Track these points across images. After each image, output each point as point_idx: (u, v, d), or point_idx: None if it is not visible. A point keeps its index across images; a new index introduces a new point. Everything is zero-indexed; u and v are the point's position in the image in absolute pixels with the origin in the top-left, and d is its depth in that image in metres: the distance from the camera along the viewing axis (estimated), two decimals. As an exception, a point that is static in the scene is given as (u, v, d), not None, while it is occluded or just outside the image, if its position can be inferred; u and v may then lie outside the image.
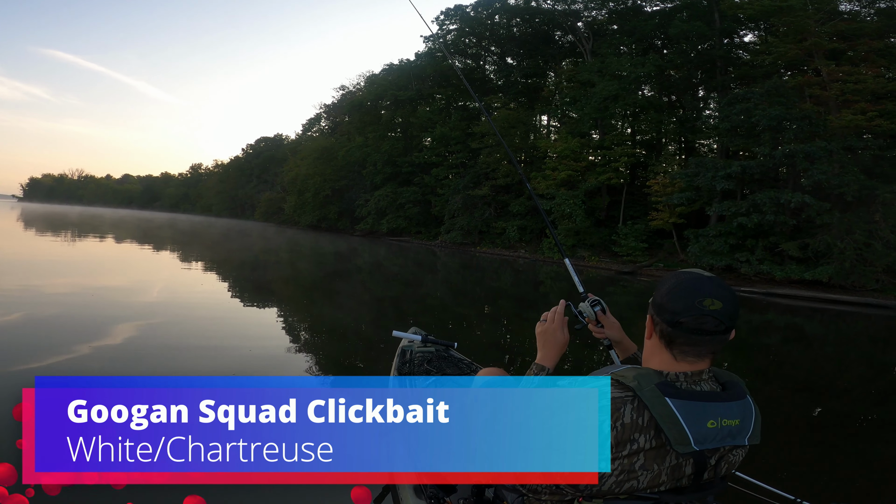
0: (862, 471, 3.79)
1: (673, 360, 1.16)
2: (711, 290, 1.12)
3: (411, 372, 3.05)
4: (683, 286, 1.15)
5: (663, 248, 23.11)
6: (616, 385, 1.14)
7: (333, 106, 55.50)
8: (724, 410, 1.12)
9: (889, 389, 6.55)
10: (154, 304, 8.02)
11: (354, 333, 7.59)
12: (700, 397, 1.12)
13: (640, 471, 1.10)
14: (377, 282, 13.00)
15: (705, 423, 1.10)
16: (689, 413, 1.09)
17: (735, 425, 1.13)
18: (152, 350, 5.33)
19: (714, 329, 1.11)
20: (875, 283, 15.78)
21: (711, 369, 1.20)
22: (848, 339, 10.63)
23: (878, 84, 17.13)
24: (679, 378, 1.15)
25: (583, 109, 25.75)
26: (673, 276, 1.21)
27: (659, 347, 1.18)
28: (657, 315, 1.17)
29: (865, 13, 20.57)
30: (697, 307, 1.10)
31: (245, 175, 73.08)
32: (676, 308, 1.12)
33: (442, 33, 36.00)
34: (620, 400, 1.11)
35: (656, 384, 1.11)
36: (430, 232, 34.14)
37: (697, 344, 1.12)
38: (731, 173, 18.27)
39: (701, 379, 1.16)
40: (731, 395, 1.16)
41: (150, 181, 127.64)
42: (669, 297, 1.14)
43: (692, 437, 1.08)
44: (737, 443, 1.14)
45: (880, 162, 17.26)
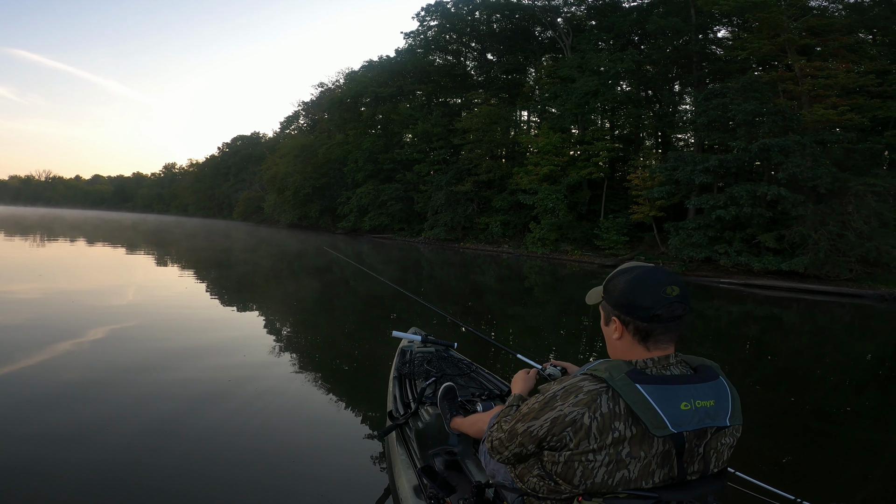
0: (842, 461, 3.91)
1: (646, 351, 1.21)
2: (667, 279, 1.20)
3: (411, 372, 3.05)
4: (642, 281, 1.21)
5: (644, 241, 23.45)
6: (590, 378, 1.18)
7: (312, 103, 54.88)
8: (696, 392, 1.16)
9: (868, 378, 6.76)
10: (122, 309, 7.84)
11: (347, 334, 7.53)
12: (670, 381, 1.16)
13: (627, 458, 1.14)
14: (364, 279, 12.90)
15: (678, 406, 1.13)
16: (661, 396, 1.13)
17: (710, 406, 1.16)
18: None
19: (682, 312, 1.19)
20: (849, 273, 16.24)
21: (679, 354, 1.25)
22: (824, 328, 10.94)
23: (848, 79, 17.58)
24: (648, 364, 1.19)
25: (564, 105, 25.93)
26: (624, 275, 1.26)
27: (631, 344, 1.23)
28: (627, 315, 1.21)
29: (834, 8, 21.10)
30: (665, 297, 1.17)
31: (222, 174, 71.97)
32: (647, 303, 1.18)
33: (423, 29, 35.85)
34: (596, 391, 1.15)
35: (626, 373, 1.16)
36: (414, 228, 34.07)
37: (670, 330, 1.20)
38: (708, 167, 18.61)
39: (669, 363, 1.21)
40: (702, 377, 1.20)
41: (122, 181, 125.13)
42: (635, 295, 1.20)
43: (668, 420, 1.12)
44: (717, 423, 1.17)
45: (851, 155, 17.75)
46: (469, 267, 19.68)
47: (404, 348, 3.47)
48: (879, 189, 16.23)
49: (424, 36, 36.04)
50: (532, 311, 10.69)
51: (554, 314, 10.36)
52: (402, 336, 3.01)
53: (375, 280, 8.53)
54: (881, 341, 9.72)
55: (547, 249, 24.72)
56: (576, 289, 14.93)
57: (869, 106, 17.27)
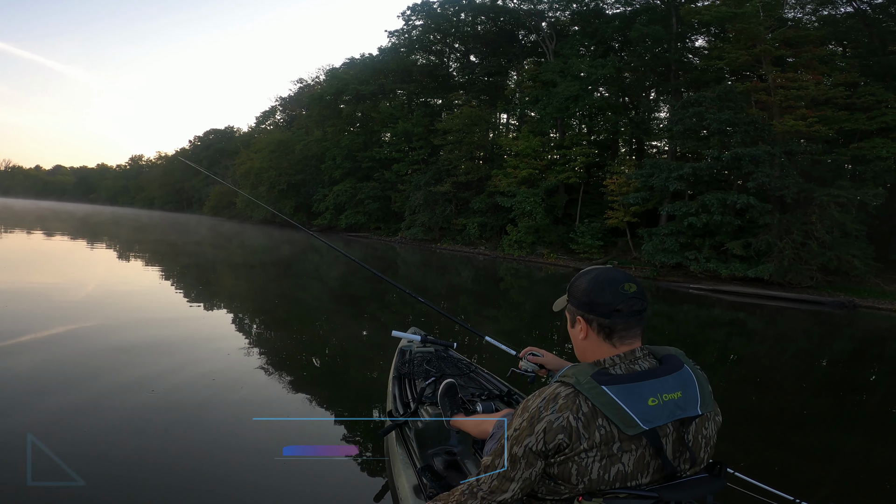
0: (799, 461, 4.01)
1: (612, 348, 1.25)
2: (623, 277, 1.27)
3: (411, 372, 3.06)
4: (601, 281, 1.27)
5: (617, 246, 23.82)
6: (563, 385, 1.20)
7: (290, 98, 54.17)
8: (661, 385, 1.18)
9: (840, 383, 6.98)
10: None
11: (340, 331, 7.44)
12: (635, 378, 1.18)
13: (619, 452, 1.15)
14: (340, 279, 12.79)
15: (646, 402, 1.15)
16: (628, 396, 1.15)
17: (678, 398, 1.18)
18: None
19: (641, 308, 1.25)
20: (810, 281, 16.79)
21: (646, 347, 1.28)
22: (786, 334, 11.28)
23: (818, 91, 18.10)
24: (616, 362, 1.22)
25: (544, 109, 26.15)
26: (584, 276, 1.32)
27: (597, 342, 1.27)
28: (589, 313, 1.26)
29: (808, 20, 21.75)
30: (623, 293, 1.23)
31: (192, 167, 70.33)
32: (607, 300, 1.24)
33: (408, 28, 35.77)
34: (572, 395, 1.17)
35: (591, 375, 1.18)
36: (390, 228, 33.92)
37: (632, 326, 1.24)
38: (682, 175, 18.99)
39: (636, 357, 1.23)
40: (666, 368, 1.22)
41: (85, 173, 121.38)
42: (595, 294, 1.26)
43: (637, 418, 1.13)
44: (689, 414, 1.19)
45: (817, 166, 18.34)
46: (445, 268, 19.69)
47: (404, 348, 3.47)
48: (843, 200, 16.80)
49: (409, 35, 35.97)
50: (507, 312, 10.74)
51: (528, 316, 10.43)
52: (401, 336, 3.01)
53: (348, 274, 8.46)
54: (837, 348, 10.07)
55: (523, 252, 24.91)
56: (551, 292, 15.07)
57: (836, 118, 17.82)
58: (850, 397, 6.09)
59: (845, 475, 3.74)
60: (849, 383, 6.79)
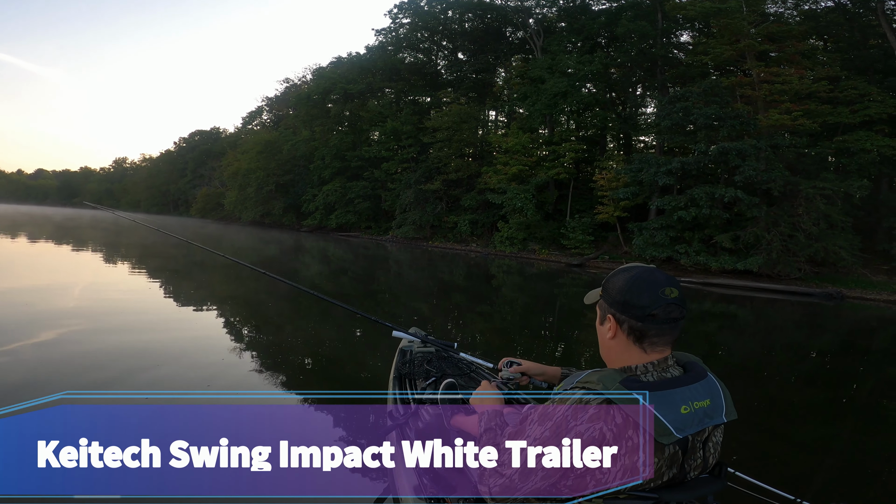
0: (791, 454, 4.05)
1: (643, 353, 1.18)
2: (665, 280, 1.18)
3: (411, 372, 3.05)
4: (641, 280, 1.18)
5: (608, 241, 23.96)
6: (590, 392, 1.14)
7: (277, 98, 53.77)
8: (692, 393, 1.15)
9: (830, 374, 7.07)
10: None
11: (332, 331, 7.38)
12: (667, 385, 1.14)
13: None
14: (344, 277, 12.73)
15: (679, 410, 1.12)
16: (661, 404, 1.11)
17: (707, 405, 1.16)
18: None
19: (679, 315, 1.17)
20: (798, 272, 17.01)
21: (673, 354, 1.24)
22: (776, 326, 11.41)
23: (802, 85, 18.34)
24: (648, 369, 1.17)
25: (533, 105, 26.20)
26: (623, 273, 1.23)
27: (627, 344, 1.20)
28: (622, 313, 1.19)
29: (790, 15, 21.98)
30: (662, 297, 1.15)
31: (178, 169, 69.72)
32: (643, 302, 1.16)
33: (395, 26, 35.67)
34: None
35: (620, 382, 1.13)
36: (381, 227, 33.83)
37: (666, 333, 1.17)
38: (671, 169, 19.15)
39: (668, 365, 1.19)
40: (692, 376, 1.19)
41: (68, 176, 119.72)
42: (632, 294, 1.17)
43: (671, 427, 1.10)
44: (716, 422, 1.17)
45: (802, 159, 18.58)
46: (437, 265, 19.66)
47: (404, 348, 3.45)
48: (828, 192, 17.04)
49: (396, 33, 35.89)
50: (500, 309, 10.75)
51: (521, 313, 10.44)
52: (402, 336, 3.00)
53: (347, 273, 8.39)
54: (827, 339, 10.20)
55: (515, 248, 24.96)
56: (543, 287, 15.12)
57: (820, 112, 18.07)
58: (841, 389, 6.17)
59: (837, 467, 3.78)
60: (839, 374, 6.89)
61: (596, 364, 1.28)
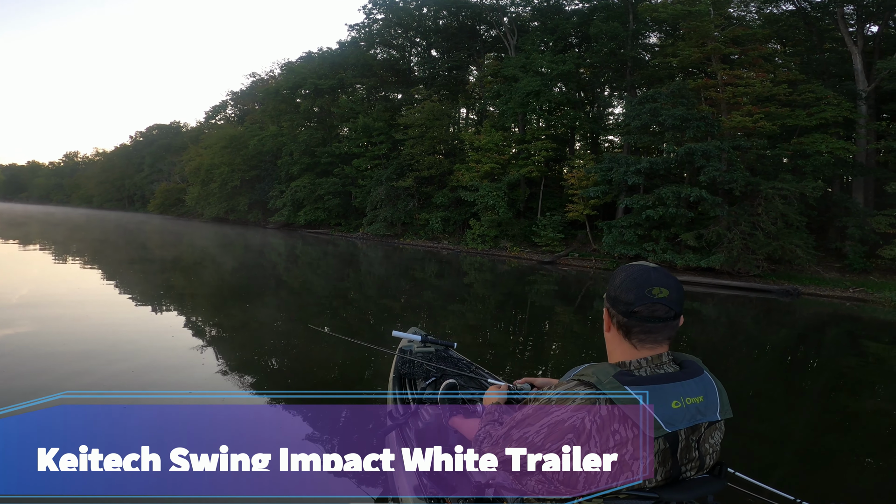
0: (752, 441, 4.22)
1: (633, 349, 1.22)
2: (658, 280, 1.20)
3: (411, 371, 3.05)
4: (632, 278, 1.22)
5: (577, 239, 24.38)
6: (582, 384, 1.17)
7: (243, 93, 52.44)
8: (684, 389, 1.18)
9: (789, 366, 7.37)
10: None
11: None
12: (659, 380, 1.17)
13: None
14: (310, 279, 12.53)
15: (669, 405, 1.15)
16: (652, 397, 1.13)
17: (700, 402, 1.19)
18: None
19: (665, 315, 1.19)
20: (757, 270, 17.71)
21: (670, 353, 1.26)
22: (737, 321, 11.86)
23: (763, 88, 19.02)
24: (641, 364, 1.20)
25: (506, 104, 26.37)
26: (623, 270, 1.27)
27: (618, 339, 1.24)
28: (613, 307, 1.23)
29: (751, 19, 22.75)
30: (647, 296, 1.18)
31: (134, 164, 67.23)
32: (629, 299, 1.19)
33: (369, 22, 35.29)
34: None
35: (614, 375, 1.16)
36: (351, 224, 33.48)
37: (652, 331, 1.20)
38: (640, 169, 19.60)
39: (662, 363, 1.22)
40: (687, 373, 1.22)
41: (14, 170, 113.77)
42: (621, 290, 1.21)
43: (661, 420, 1.13)
44: (708, 419, 1.20)
45: (762, 160, 19.31)
46: (409, 263, 19.61)
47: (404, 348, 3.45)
48: (786, 192, 17.77)
49: (369, 29, 35.52)
50: (472, 306, 10.81)
51: (493, 310, 10.53)
52: (401, 336, 3.02)
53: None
54: (784, 334, 10.68)
55: (487, 246, 25.11)
56: (515, 285, 15.27)
57: (779, 114, 18.78)
58: (799, 381, 6.47)
59: (797, 457, 3.97)
60: (797, 367, 7.22)
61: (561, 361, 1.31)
